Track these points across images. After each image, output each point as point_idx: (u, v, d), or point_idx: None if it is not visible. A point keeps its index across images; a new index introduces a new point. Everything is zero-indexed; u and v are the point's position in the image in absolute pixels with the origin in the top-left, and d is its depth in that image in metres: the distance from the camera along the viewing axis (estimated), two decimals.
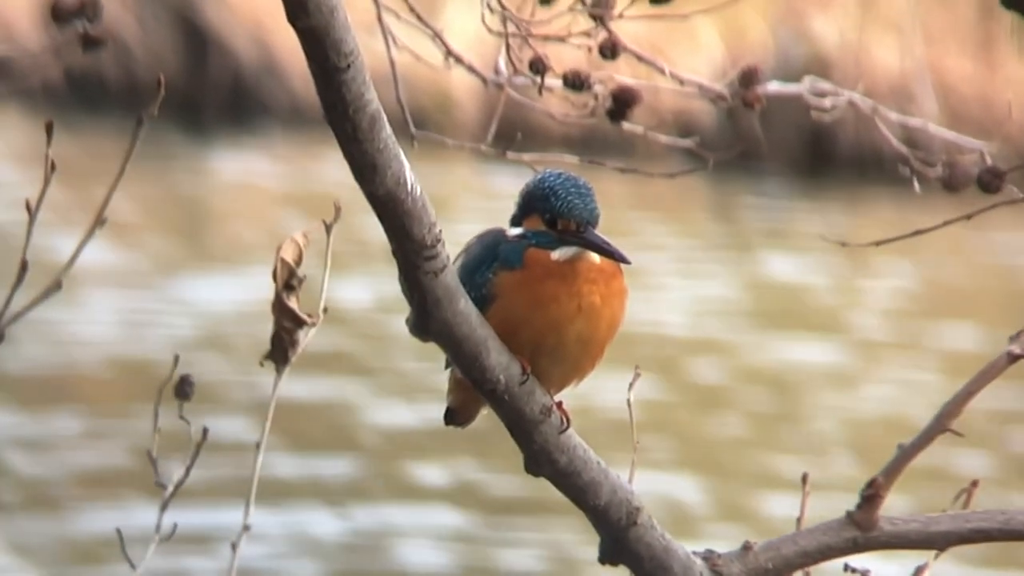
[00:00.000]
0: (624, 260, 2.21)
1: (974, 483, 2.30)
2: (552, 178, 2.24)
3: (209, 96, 15.32)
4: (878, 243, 2.64)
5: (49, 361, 9.27)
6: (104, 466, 7.95)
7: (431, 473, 8.15)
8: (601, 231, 2.23)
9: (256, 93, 15.32)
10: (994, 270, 12.31)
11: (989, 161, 2.59)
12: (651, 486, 7.85)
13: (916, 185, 2.72)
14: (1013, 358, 2.20)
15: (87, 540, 7.21)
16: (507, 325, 2.20)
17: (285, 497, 7.70)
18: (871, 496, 2.19)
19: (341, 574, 7.19)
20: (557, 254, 2.21)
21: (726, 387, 9.56)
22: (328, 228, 2.30)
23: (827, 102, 3.04)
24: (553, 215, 2.22)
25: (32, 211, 1.95)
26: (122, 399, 8.65)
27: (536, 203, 2.24)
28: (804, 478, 2.29)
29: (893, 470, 2.19)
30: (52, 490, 7.74)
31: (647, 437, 8.37)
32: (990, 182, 2.55)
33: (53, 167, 1.94)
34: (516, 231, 2.25)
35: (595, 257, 2.21)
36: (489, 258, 2.24)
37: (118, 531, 2.26)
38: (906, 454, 2.19)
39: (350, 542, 7.45)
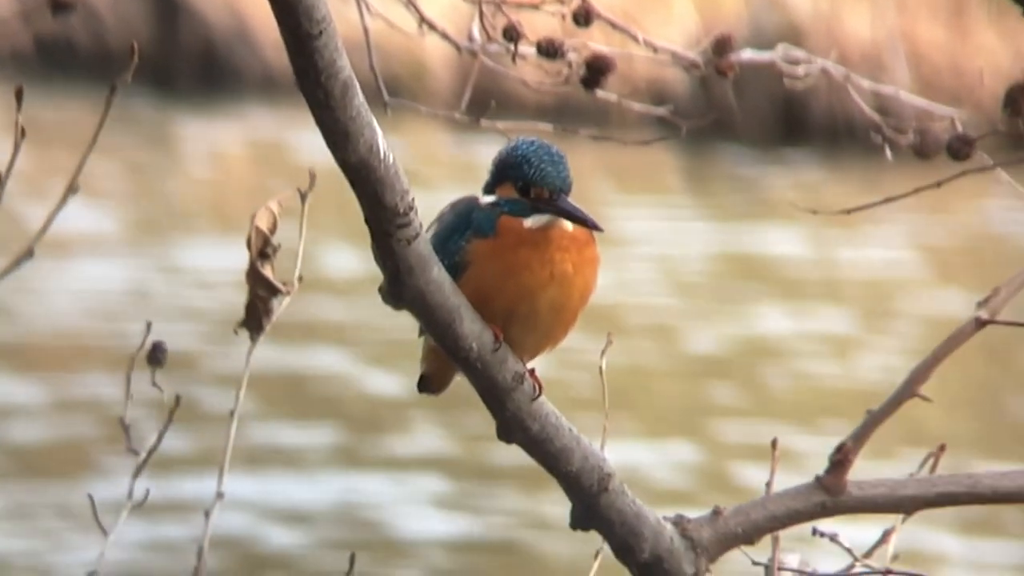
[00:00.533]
0: (596, 228, 2.22)
1: (941, 447, 2.32)
2: (525, 146, 2.24)
3: (181, 63, 15.25)
4: (849, 211, 2.65)
5: (29, 329, 9.24)
6: (86, 434, 7.94)
7: (416, 441, 8.16)
8: (574, 199, 2.23)
9: (228, 60, 15.26)
10: (973, 236, 12.35)
11: (960, 128, 2.60)
12: (634, 454, 7.86)
13: (888, 152, 2.73)
14: (981, 324, 2.21)
15: (65, 508, 7.21)
16: (480, 293, 2.20)
17: (275, 465, 7.70)
18: (840, 461, 2.20)
19: (332, 543, 7.20)
20: (530, 222, 2.22)
21: (709, 356, 9.57)
22: (303, 196, 2.30)
23: (800, 70, 3.05)
24: (526, 183, 2.23)
25: (2, 178, 1.94)
26: (99, 368, 8.64)
27: (509, 171, 2.24)
28: (774, 443, 2.31)
29: (862, 435, 2.21)
30: (33, 458, 7.73)
31: (630, 405, 8.37)
32: (960, 149, 2.56)
33: (23, 133, 1.94)
34: (489, 199, 2.26)
35: (568, 225, 2.22)
36: (462, 226, 2.24)
37: (90, 497, 2.26)
38: (875, 419, 2.21)
39: (338, 511, 7.45)
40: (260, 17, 14.88)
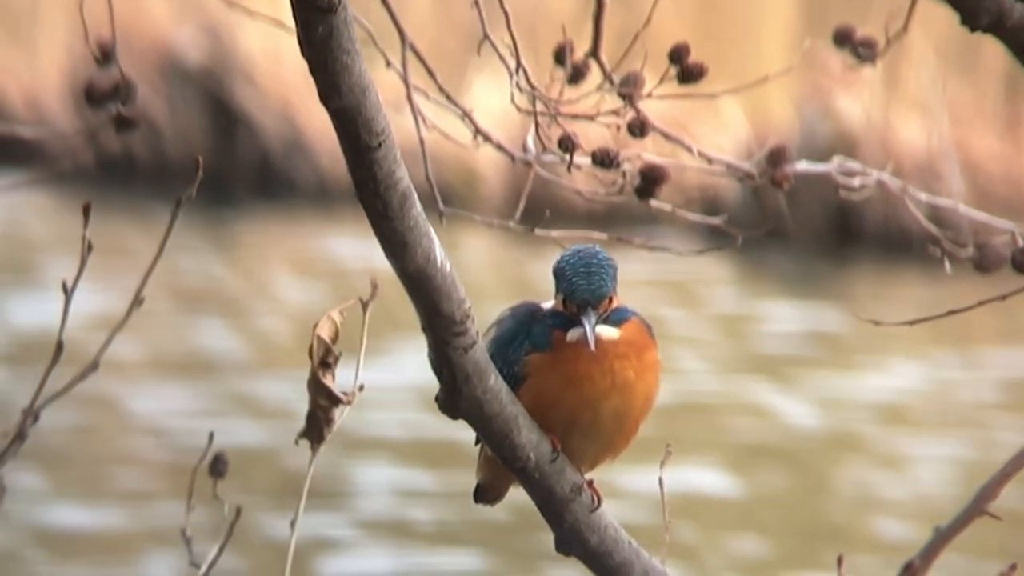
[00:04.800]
0: (589, 347, 2.18)
1: (1012, 566, 2.28)
2: (568, 257, 2.25)
3: (238, 175, 15.43)
4: (912, 323, 2.63)
5: (92, 448, 9.19)
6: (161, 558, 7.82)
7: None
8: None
9: (285, 171, 15.42)
10: None
11: (1021, 242, 2.59)
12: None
13: (947, 266, 2.72)
14: None
15: None
16: (540, 403, 2.19)
17: None
18: None
19: None
20: (571, 335, 2.22)
21: (771, 473, 9.39)
22: (365, 306, 2.31)
23: (856, 182, 3.05)
24: (564, 297, 2.23)
25: (68, 291, 1.96)
26: (174, 486, 8.54)
27: (557, 282, 2.26)
28: (839, 560, 2.27)
29: (930, 553, 2.17)
30: None
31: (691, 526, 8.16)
32: None
33: (90, 248, 1.96)
34: (547, 307, 2.26)
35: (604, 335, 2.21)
36: (521, 333, 2.25)
37: None
38: (943, 536, 2.17)
39: None
40: (316, 129, 15.05)
